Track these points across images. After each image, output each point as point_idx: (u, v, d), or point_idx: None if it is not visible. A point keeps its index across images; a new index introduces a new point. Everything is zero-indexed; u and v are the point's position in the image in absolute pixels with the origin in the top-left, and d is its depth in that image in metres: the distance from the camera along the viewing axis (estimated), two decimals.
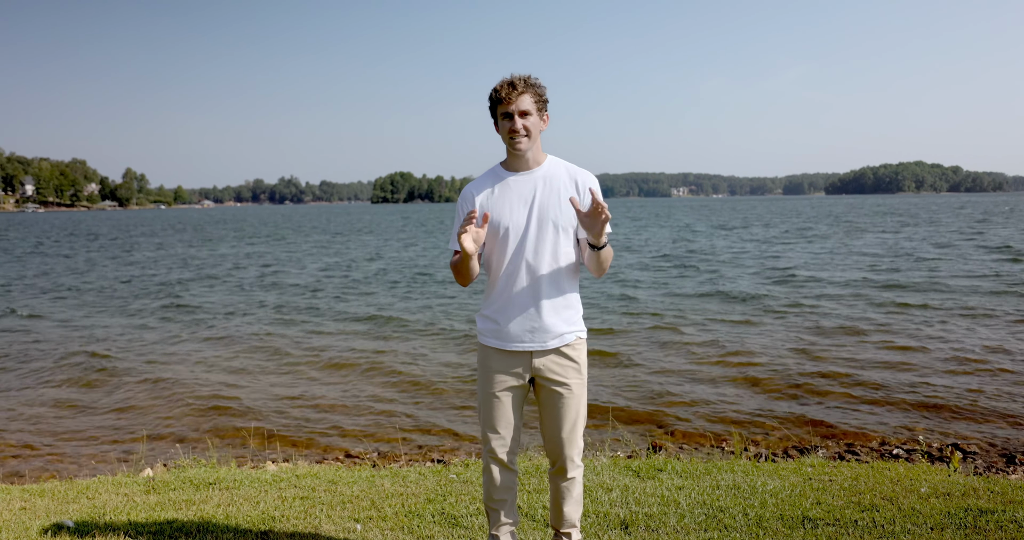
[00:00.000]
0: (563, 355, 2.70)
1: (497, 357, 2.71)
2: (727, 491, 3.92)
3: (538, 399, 2.78)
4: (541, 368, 2.69)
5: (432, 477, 4.38)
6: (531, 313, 2.64)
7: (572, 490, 2.84)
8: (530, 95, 2.60)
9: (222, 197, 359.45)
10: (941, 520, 3.41)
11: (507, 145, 2.66)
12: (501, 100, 2.59)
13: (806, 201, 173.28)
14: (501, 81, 2.61)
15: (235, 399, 7.65)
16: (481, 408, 2.77)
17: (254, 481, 4.38)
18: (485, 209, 2.66)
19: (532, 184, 2.67)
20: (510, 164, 2.72)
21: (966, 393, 7.08)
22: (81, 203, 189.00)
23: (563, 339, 2.68)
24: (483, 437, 2.78)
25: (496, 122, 2.67)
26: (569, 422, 2.74)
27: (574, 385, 2.72)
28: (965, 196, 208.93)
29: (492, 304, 2.71)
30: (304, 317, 12.97)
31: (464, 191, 2.76)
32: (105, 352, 10.07)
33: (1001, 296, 13.13)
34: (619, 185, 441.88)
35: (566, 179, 2.69)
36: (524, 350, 2.67)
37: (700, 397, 7.27)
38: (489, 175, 2.75)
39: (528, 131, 2.61)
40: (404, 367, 8.86)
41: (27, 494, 4.39)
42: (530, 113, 2.60)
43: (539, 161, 2.71)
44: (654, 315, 12.10)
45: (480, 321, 2.77)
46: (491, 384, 2.72)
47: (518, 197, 2.66)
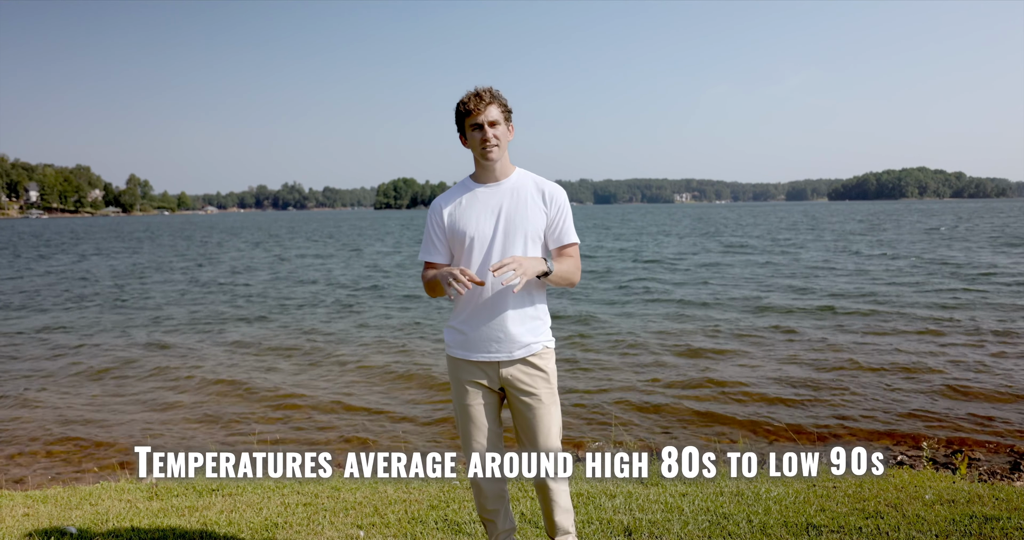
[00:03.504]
0: (530, 364, 2.68)
1: (465, 368, 2.71)
2: (731, 497, 3.91)
3: (511, 410, 2.77)
4: (509, 378, 2.68)
5: (435, 483, 4.38)
6: (497, 323, 2.64)
7: (558, 500, 2.80)
8: (496, 106, 2.63)
9: (226, 203, 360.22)
10: (946, 527, 3.40)
11: (478, 156, 2.69)
12: (470, 112, 2.61)
13: (800, 207, 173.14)
14: (467, 94, 2.64)
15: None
16: (458, 420, 2.77)
17: (257, 487, 4.38)
18: (453, 220, 2.70)
19: (500, 195, 2.69)
20: (479, 176, 2.74)
21: (970, 399, 7.06)
22: (85, 209, 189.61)
23: (529, 349, 2.67)
24: (464, 449, 2.76)
25: (463, 135, 2.69)
26: (543, 432, 2.71)
27: (543, 395, 2.70)
28: (967, 202, 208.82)
29: (459, 315, 2.72)
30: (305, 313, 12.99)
31: (433, 203, 2.80)
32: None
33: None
34: (622, 191, 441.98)
35: (533, 190, 2.71)
36: (491, 360, 2.67)
37: (702, 400, 7.26)
38: (458, 187, 2.78)
39: (499, 140, 2.64)
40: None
41: (30, 500, 4.39)
42: (498, 123, 2.64)
43: (507, 173, 2.74)
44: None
45: (448, 333, 2.78)
46: (463, 395, 2.72)
47: (485, 208, 2.68)
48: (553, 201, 2.70)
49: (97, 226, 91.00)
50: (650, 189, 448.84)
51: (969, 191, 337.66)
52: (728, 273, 20.23)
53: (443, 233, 2.74)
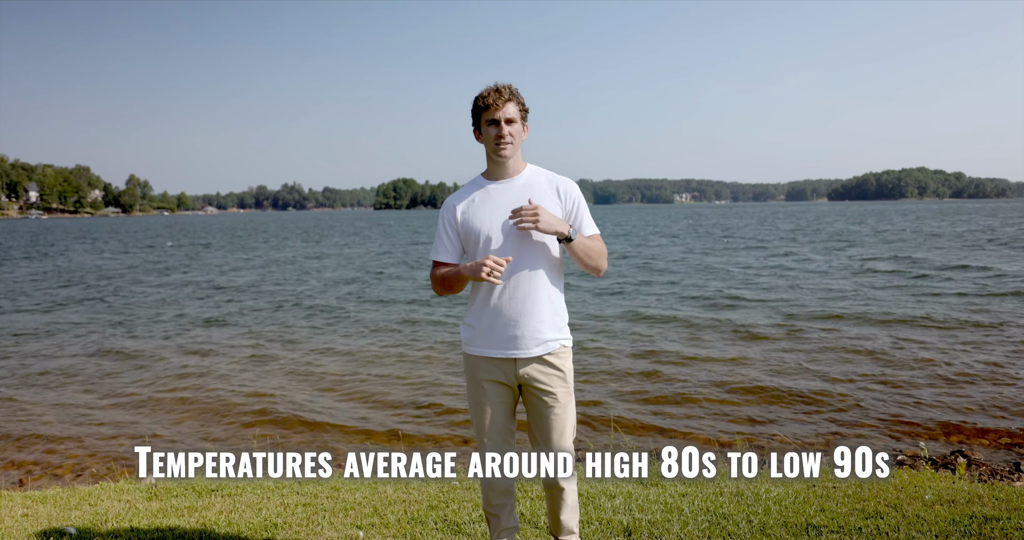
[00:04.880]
0: (547, 363, 2.68)
1: (482, 365, 2.71)
2: (730, 498, 3.90)
3: (526, 408, 2.78)
4: (526, 376, 2.68)
5: (434, 483, 4.38)
6: (514, 320, 2.63)
7: (566, 498, 2.82)
8: (514, 104, 2.63)
9: (225, 203, 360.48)
10: (946, 527, 3.40)
11: (491, 152, 2.68)
12: (487, 107, 2.60)
13: (798, 207, 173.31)
14: (486, 88, 2.63)
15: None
16: (473, 416, 2.78)
17: (256, 487, 4.38)
18: (466, 218, 2.69)
19: (513, 192, 2.68)
20: (491, 173, 2.73)
21: (969, 401, 7.06)
22: (84, 210, 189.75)
23: (547, 347, 2.67)
24: (478, 444, 2.78)
25: (478, 129, 2.68)
26: (557, 431, 2.72)
27: (560, 394, 2.70)
28: (967, 202, 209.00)
29: (475, 312, 2.71)
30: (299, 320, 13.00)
31: (446, 202, 2.78)
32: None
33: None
34: (622, 191, 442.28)
35: (547, 186, 2.70)
36: (508, 357, 2.67)
37: (703, 398, 7.26)
38: (470, 185, 2.77)
39: (513, 138, 2.63)
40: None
41: (29, 501, 4.39)
42: (515, 121, 2.63)
43: (519, 170, 2.72)
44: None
45: (464, 330, 2.77)
46: (479, 393, 2.72)
47: (499, 205, 2.67)
48: (568, 195, 2.70)
49: (96, 226, 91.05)
50: (650, 189, 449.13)
51: (969, 191, 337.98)
52: (726, 274, 20.25)
53: (455, 232, 2.73)
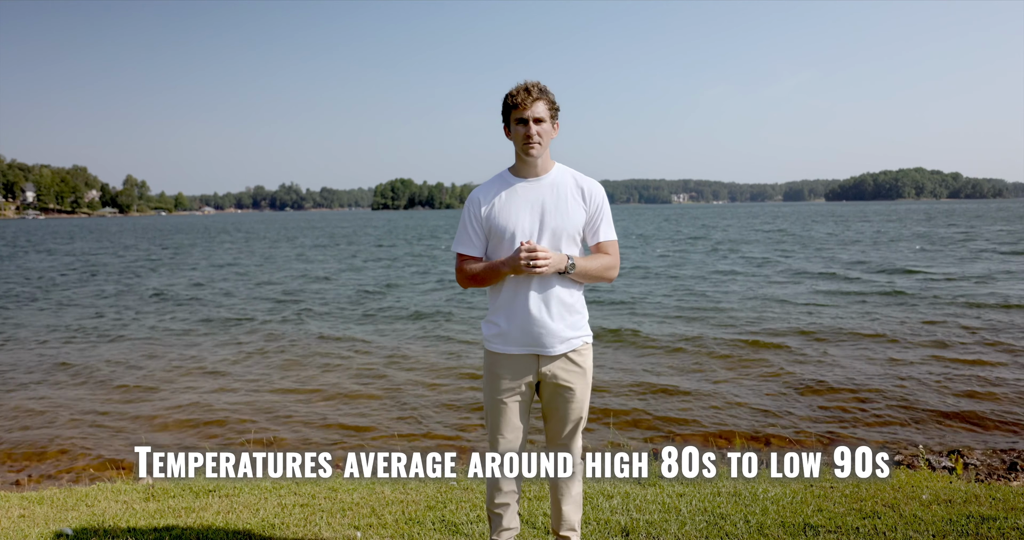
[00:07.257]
0: (570, 361, 2.71)
1: (504, 363, 2.71)
2: (728, 498, 3.91)
3: (542, 399, 2.80)
4: (548, 374, 2.71)
5: (432, 484, 4.38)
6: (537, 318, 2.64)
7: (572, 488, 2.85)
8: (544, 102, 2.63)
9: (223, 204, 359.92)
10: (943, 527, 3.40)
11: (519, 151, 2.68)
12: (517, 105, 2.61)
13: (794, 207, 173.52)
14: (516, 86, 2.63)
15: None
16: (488, 413, 2.78)
17: (254, 488, 4.37)
18: (492, 213, 2.69)
19: (540, 191, 2.69)
20: (519, 170, 2.73)
21: (967, 401, 7.08)
22: (82, 210, 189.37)
23: (570, 344, 2.69)
24: (490, 441, 2.79)
25: (508, 127, 2.69)
26: (572, 423, 2.78)
27: (578, 389, 2.74)
28: (963, 203, 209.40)
29: (499, 310, 2.71)
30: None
31: (472, 195, 2.78)
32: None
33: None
34: (619, 191, 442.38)
35: (573, 187, 2.72)
36: (531, 354, 2.69)
37: (703, 399, 7.26)
38: (496, 180, 2.77)
39: (541, 138, 2.63)
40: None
41: (26, 502, 4.38)
42: (543, 120, 2.63)
43: (547, 168, 2.73)
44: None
45: (486, 327, 2.77)
46: (498, 390, 2.73)
47: (525, 203, 2.67)
48: (592, 198, 2.72)
49: (96, 226, 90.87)
50: (647, 190, 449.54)
51: (966, 191, 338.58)
52: (727, 275, 20.27)
53: (480, 226, 2.73)
